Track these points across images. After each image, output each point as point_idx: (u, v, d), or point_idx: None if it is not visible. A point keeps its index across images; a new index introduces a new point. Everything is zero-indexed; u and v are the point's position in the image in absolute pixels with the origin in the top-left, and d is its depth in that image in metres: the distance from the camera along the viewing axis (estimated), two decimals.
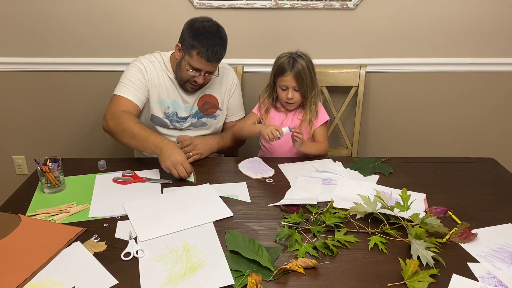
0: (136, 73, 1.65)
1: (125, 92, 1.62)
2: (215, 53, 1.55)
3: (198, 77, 1.61)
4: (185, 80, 1.65)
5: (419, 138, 2.24)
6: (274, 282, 0.99)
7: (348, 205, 1.23)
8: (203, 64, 1.57)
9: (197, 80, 1.62)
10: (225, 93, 1.80)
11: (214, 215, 1.24)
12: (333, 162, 1.58)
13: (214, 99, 1.77)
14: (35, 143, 2.26)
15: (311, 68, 1.67)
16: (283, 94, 1.67)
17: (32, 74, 2.11)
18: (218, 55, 1.57)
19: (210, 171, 1.53)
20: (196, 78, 1.62)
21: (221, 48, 1.57)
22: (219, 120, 1.82)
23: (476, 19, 1.99)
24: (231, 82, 1.82)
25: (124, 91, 1.62)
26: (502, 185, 1.43)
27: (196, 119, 1.76)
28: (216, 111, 1.78)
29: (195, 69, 1.59)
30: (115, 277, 0.99)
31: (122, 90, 1.63)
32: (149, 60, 1.70)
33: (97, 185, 1.41)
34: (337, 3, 1.95)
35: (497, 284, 0.98)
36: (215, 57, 1.56)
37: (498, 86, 2.12)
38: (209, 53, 1.54)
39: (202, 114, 1.76)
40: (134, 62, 1.69)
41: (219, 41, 1.56)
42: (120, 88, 1.64)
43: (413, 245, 1.06)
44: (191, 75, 1.61)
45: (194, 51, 1.55)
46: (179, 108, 1.73)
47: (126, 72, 1.67)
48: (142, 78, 1.65)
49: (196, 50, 1.55)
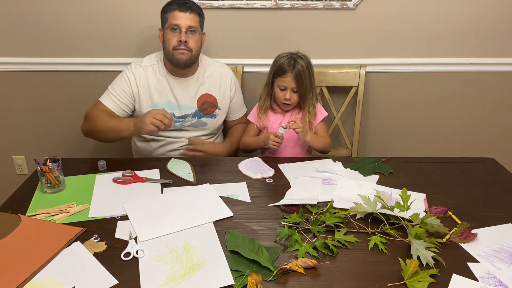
0: (122, 82, 1.70)
1: (105, 100, 1.70)
2: (185, 3, 1.62)
3: (180, 35, 1.62)
4: (172, 50, 1.64)
5: (419, 138, 2.24)
6: (274, 282, 0.99)
7: (348, 205, 1.23)
8: (177, 17, 1.61)
9: (180, 39, 1.61)
10: (224, 93, 1.80)
11: (214, 215, 1.24)
12: (333, 162, 1.58)
13: (212, 98, 1.77)
14: (35, 143, 2.26)
15: (311, 70, 1.67)
16: (281, 94, 1.67)
17: (32, 74, 2.11)
18: (190, 4, 1.63)
19: (210, 171, 1.53)
20: (178, 38, 1.62)
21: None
22: (218, 119, 1.82)
23: (476, 19, 1.99)
24: (230, 82, 1.81)
25: (106, 98, 1.70)
26: (502, 185, 1.43)
27: (196, 119, 1.77)
28: (215, 110, 1.78)
29: (173, 27, 1.62)
30: (115, 277, 0.99)
31: (104, 97, 1.71)
32: (140, 65, 1.73)
33: (97, 185, 1.41)
34: (337, 3, 1.95)
35: (497, 284, 0.98)
36: (185, 5, 1.62)
37: (498, 86, 2.12)
38: (181, 4, 1.61)
39: (202, 113, 1.76)
40: (124, 70, 1.73)
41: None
42: (104, 95, 1.72)
43: (413, 245, 1.06)
44: (174, 39, 1.62)
45: (167, 14, 1.63)
46: (175, 108, 1.73)
47: (114, 81, 1.73)
48: (127, 87, 1.69)
49: (168, 11, 1.63)
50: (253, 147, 1.76)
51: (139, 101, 1.71)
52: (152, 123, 1.47)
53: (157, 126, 1.48)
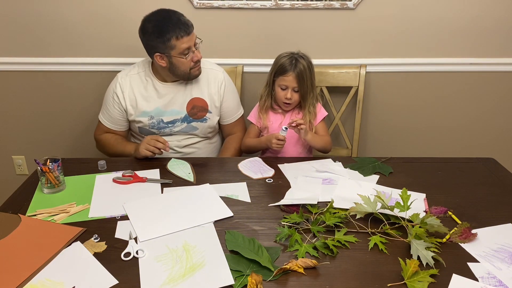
0: (111, 100, 1.73)
1: (103, 119, 1.78)
2: (185, 24, 1.57)
3: (194, 54, 1.62)
4: (189, 69, 1.64)
5: (419, 138, 2.24)
6: (274, 282, 0.99)
7: (348, 205, 1.23)
8: (186, 40, 1.57)
9: (197, 57, 1.63)
10: (215, 95, 1.75)
11: (214, 215, 1.24)
12: (333, 162, 1.58)
13: (203, 102, 1.74)
14: (35, 143, 2.26)
15: (312, 70, 1.67)
16: (282, 93, 1.67)
17: (31, 74, 2.11)
18: (189, 23, 1.59)
19: (210, 171, 1.53)
20: (194, 57, 1.62)
21: (182, 17, 1.59)
22: (210, 123, 1.78)
23: (476, 19, 1.99)
24: (220, 83, 1.76)
25: (103, 117, 1.78)
26: (502, 185, 1.43)
27: (185, 124, 1.74)
28: (205, 114, 1.75)
29: (186, 51, 1.59)
30: (115, 277, 0.99)
31: (102, 114, 1.79)
32: (126, 74, 1.72)
33: (97, 185, 1.41)
34: (337, 3, 1.95)
35: (497, 284, 0.98)
36: (190, 26, 1.58)
37: (498, 86, 2.12)
38: (182, 28, 1.56)
39: (192, 118, 1.74)
40: (112, 83, 1.74)
41: (175, 14, 1.58)
42: (101, 113, 1.79)
43: (413, 245, 1.06)
44: (190, 61, 1.62)
45: (171, 41, 1.56)
46: (163, 113, 1.72)
47: (106, 95, 1.77)
48: (117, 103, 1.72)
49: (173, 38, 1.56)
50: (255, 149, 1.76)
51: (129, 113, 1.72)
52: (147, 149, 1.54)
53: (152, 151, 1.54)
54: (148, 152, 1.54)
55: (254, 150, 1.78)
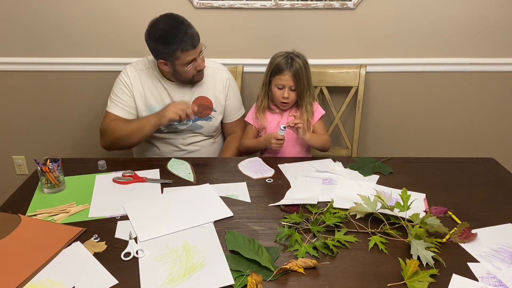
0: (121, 87, 1.70)
1: (113, 109, 1.70)
2: (192, 38, 1.57)
3: (197, 64, 1.63)
4: (192, 77, 1.66)
5: (419, 138, 2.24)
6: (274, 282, 0.99)
7: (348, 205, 1.23)
8: (191, 53, 1.58)
9: (200, 67, 1.64)
10: (220, 93, 1.78)
11: (214, 215, 1.24)
12: (333, 162, 1.58)
13: (208, 101, 1.76)
14: (35, 143, 2.26)
15: (307, 68, 1.68)
16: (279, 93, 1.67)
17: (31, 74, 2.11)
18: (195, 36, 1.59)
19: (210, 171, 1.53)
20: (197, 67, 1.63)
21: (190, 28, 1.58)
22: (215, 121, 1.80)
23: (476, 19, 1.99)
24: (225, 82, 1.78)
25: (113, 107, 1.70)
26: (502, 185, 1.43)
27: (191, 122, 1.75)
28: (210, 112, 1.77)
29: (190, 62, 1.60)
30: (115, 277, 0.99)
31: (111, 106, 1.71)
32: (135, 68, 1.72)
33: (97, 185, 1.41)
34: (337, 3, 1.95)
35: (497, 284, 0.98)
36: (195, 40, 1.58)
37: (498, 86, 2.12)
38: (189, 41, 1.55)
39: (197, 117, 1.75)
40: (120, 74, 1.72)
41: (183, 26, 1.57)
42: (109, 104, 1.71)
43: (413, 245, 1.06)
44: (193, 70, 1.63)
45: (177, 53, 1.56)
46: None
47: (114, 86, 1.73)
48: (127, 90, 1.70)
49: (178, 51, 1.56)
50: (253, 149, 1.76)
51: (137, 102, 1.71)
52: (175, 112, 1.54)
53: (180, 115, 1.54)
54: (176, 116, 1.54)
55: (253, 151, 1.78)
